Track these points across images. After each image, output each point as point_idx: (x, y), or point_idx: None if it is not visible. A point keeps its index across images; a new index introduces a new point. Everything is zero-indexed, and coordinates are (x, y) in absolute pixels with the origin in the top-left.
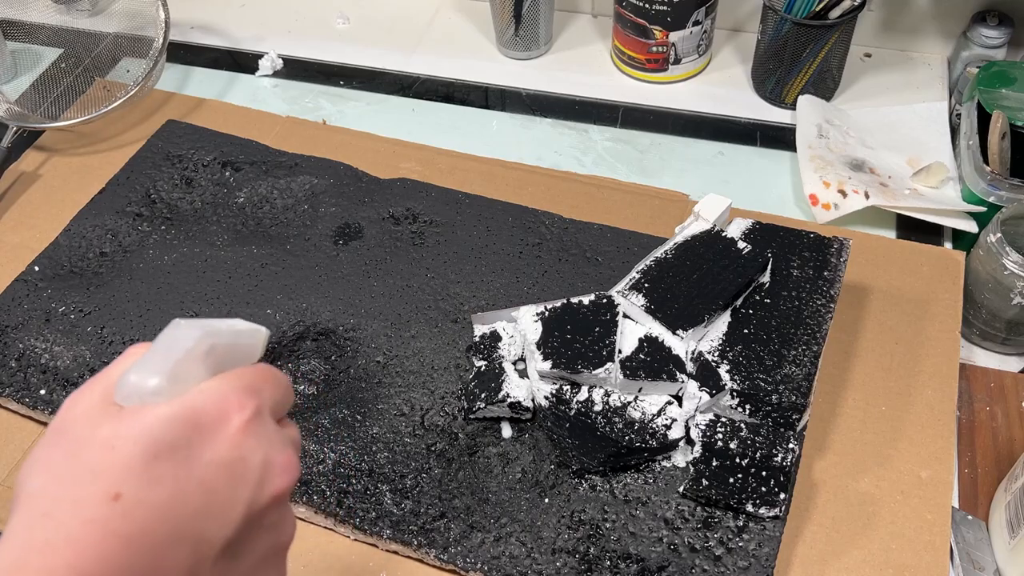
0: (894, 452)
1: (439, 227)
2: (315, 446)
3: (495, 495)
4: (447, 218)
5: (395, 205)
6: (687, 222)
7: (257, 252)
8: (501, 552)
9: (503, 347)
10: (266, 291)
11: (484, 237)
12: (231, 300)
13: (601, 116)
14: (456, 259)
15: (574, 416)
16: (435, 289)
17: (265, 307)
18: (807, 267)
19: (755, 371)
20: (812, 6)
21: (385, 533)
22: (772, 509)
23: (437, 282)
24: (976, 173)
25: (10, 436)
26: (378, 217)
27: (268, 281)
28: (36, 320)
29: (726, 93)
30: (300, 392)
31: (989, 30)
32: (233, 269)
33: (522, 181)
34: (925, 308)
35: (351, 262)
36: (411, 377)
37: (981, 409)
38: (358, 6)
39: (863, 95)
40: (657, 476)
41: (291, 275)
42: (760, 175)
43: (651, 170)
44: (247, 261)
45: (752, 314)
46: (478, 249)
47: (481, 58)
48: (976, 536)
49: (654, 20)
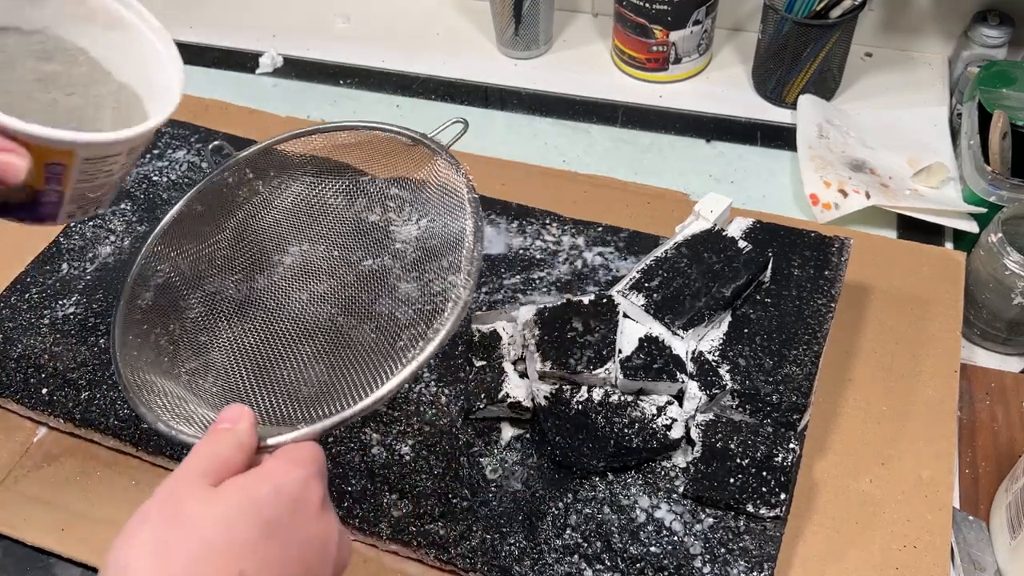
0: (895, 452)
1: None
2: None
3: (495, 495)
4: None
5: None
6: (687, 221)
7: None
8: (501, 552)
9: (503, 347)
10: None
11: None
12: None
13: (601, 115)
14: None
15: (574, 416)
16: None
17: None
18: (808, 267)
19: (756, 371)
20: (813, 5)
21: (385, 533)
22: (772, 509)
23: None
24: (977, 173)
25: (10, 436)
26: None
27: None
28: (36, 320)
29: (726, 93)
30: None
31: (990, 30)
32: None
33: (522, 181)
34: (926, 308)
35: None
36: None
37: (982, 409)
38: (358, 6)
39: (863, 95)
40: (657, 476)
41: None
42: (760, 175)
43: (651, 170)
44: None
45: (753, 314)
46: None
47: (481, 58)
48: (977, 536)
49: (654, 19)
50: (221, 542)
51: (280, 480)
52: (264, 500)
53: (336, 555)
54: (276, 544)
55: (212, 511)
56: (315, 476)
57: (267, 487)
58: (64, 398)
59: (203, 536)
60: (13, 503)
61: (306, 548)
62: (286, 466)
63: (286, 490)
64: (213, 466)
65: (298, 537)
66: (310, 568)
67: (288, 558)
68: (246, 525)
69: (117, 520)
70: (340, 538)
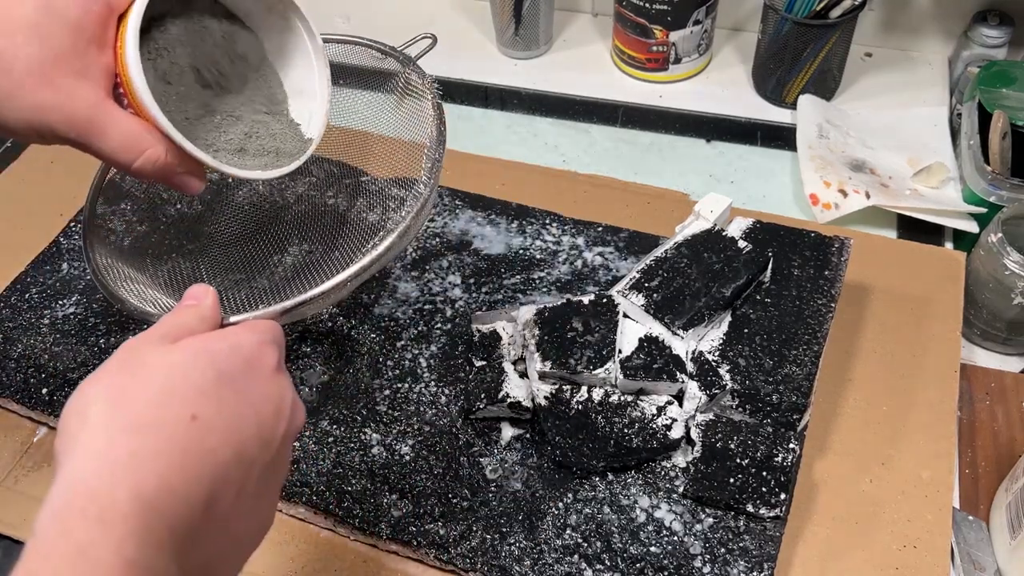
0: (895, 452)
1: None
2: (315, 446)
3: (495, 495)
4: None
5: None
6: (687, 221)
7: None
8: (501, 552)
9: (503, 347)
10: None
11: (484, 236)
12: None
13: (601, 115)
14: (456, 258)
15: (574, 416)
16: (435, 288)
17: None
18: (808, 266)
19: (755, 371)
20: (813, 5)
21: (385, 533)
22: (772, 509)
23: (437, 282)
24: (977, 173)
25: (10, 436)
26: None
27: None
28: (36, 320)
29: (726, 93)
30: (300, 393)
31: (990, 30)
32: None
33: (522, 181)
34: (926, 308)
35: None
36: (411, 377)
37: (982, 409)
38: (358, 6)
39: (864, 95)
40: (657, 476)
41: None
42: (760, 175)
43: (651, 170)
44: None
45: (753, 314)
46: (478, 248)
47: (481, 58)
48: (977, 536)
49: (654, 19)
50: (177, 387)
51: (237, 340)
52: (220, 353)
53: (290, 415)
54: (230, 394)
55: (168, 359)
56: (271, 343)
57: (224, 343)
58: (64, 398)
59: (159, 382)
60: (13, 503)
61: (261, 403)
62: (243, 330)
63: (242, 349)
64: (174, 331)
65: (252, 392)
66: (264, 423)
67: (242, 411)
68: (201, 373)
69: None
70: (294, 402)
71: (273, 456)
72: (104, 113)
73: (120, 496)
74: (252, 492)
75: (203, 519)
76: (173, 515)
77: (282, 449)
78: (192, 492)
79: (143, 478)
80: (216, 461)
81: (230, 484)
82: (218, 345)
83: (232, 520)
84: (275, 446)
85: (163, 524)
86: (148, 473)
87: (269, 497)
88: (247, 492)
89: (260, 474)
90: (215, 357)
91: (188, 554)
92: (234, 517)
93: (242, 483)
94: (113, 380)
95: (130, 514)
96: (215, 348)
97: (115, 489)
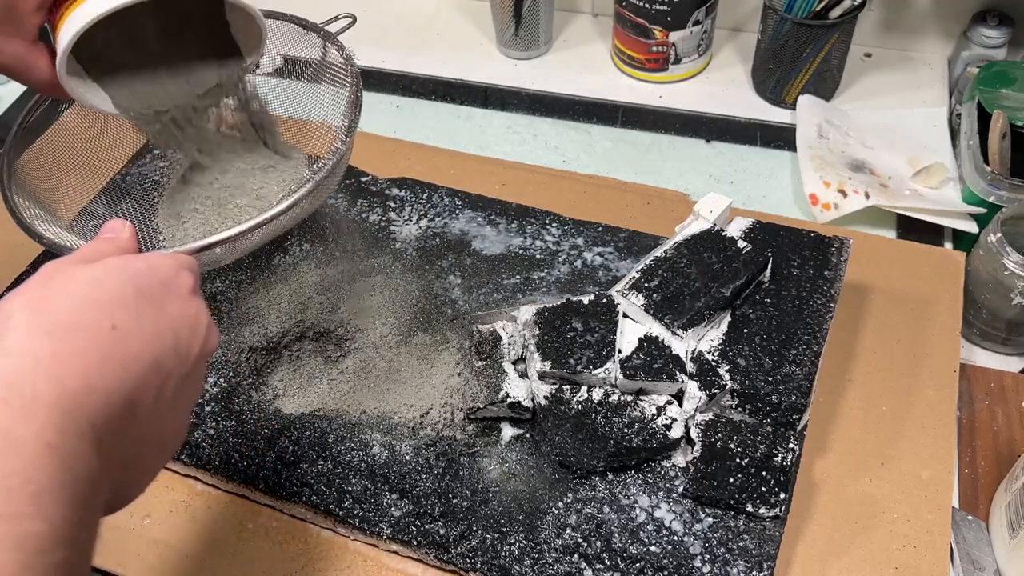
0: (895, 452)
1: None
2: (315, 446)
3: (495, 495)
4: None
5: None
6: (687, 221)
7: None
8: (501, 552)
9: (503, 347)
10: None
11: (483, 236)
12: (231, 298)
13: (601, 116)
14: (456, 258)
15: (574, 416)
16: (435, 288)
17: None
18: (807, 266)
19: (755, 371)
20: (812, 6)
21: (385, 533)
22: (772, 509)
23: (437, 282)
24: (976, 173)
25: None
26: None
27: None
28: None
29: (726, 93)
30: (300, 394)
31: (989, 30)
32: (233, 268)
33: (522, 181)
34: (925, 308)
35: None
36: (411, 377)
37: (981, 409)
38: (359, 6)
39: (863, 95)
40: (657, 476)
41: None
42: (760, 175)
43: (651, 170)
44: (246, 260)
45: (752, 314)
46: (478, 248)
47: (481, 58)
48: (976, 536)
49: (654, 20)
50: (98, 297)
51: (153, 261)
52: (137, 270)
53: (204, 335)
54: (148, 307)
55: (89, 274)
56: (187, 269)
57: (141, 263)
58: None
59: (81, 292)
60: None
61: (177, 320)
62: (159, 255)
63: (159, 270)
64: (92, 256)
65: (170, 309)
66: (180, 339)
67: (160, 325)
68: (120, 286)
69: (116, 521)
70: (209, 325)
71: (188, 371)
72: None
73: (42, 388)
74: (168, 402)
75: (122, 419)
76: (94, 410)
77: (197, 366)
78: (113, 391)
79: (64, 373)
80: (135, 368)
81: (148, 389)
82: (137, 264)
83: (150, 424)
84: (190, 362)
85: (84, 417)
86: (69, 370)
87: (183, 409)
88: (164, 400)
89: (176, 385)
90: (135, 274)
91: (109, 450)
92: (152, 421)
93: (159, 390)
94: (35, 292)
95: (52, 404)
96: (134, 267)
97: (37, 383)
